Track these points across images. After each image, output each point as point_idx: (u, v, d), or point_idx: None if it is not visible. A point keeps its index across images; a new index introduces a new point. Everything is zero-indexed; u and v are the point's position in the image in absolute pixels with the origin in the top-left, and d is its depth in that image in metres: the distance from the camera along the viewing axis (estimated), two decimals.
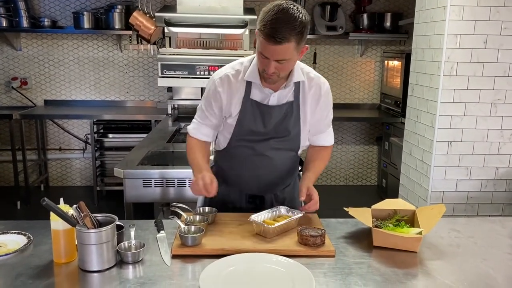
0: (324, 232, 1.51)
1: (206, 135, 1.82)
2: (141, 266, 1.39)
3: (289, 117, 1.74)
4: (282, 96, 1.72)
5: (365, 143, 5.29)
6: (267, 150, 1.77)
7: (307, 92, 1.74)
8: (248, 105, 1.72)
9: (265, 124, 1.73)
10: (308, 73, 1.76)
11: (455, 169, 2.91)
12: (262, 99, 1.72)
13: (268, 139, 1.76)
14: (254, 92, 1.72)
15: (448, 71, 2.80)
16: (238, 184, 1.85)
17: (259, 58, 1.59)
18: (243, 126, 1.74)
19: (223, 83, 1.73)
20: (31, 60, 4.84)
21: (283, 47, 1.50)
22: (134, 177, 2.39)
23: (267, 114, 1.72)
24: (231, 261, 1.37)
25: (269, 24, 1.48)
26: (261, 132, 1.74)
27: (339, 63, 5.09)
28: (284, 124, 1.74)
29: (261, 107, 1.72)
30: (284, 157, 1.82)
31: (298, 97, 1.74)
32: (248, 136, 1.75)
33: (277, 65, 1.56)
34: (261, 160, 1.78)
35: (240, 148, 1.79)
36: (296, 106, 1.74)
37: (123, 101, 5.00)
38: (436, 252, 1.52)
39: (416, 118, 3.16)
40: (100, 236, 1.33)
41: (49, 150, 5.03)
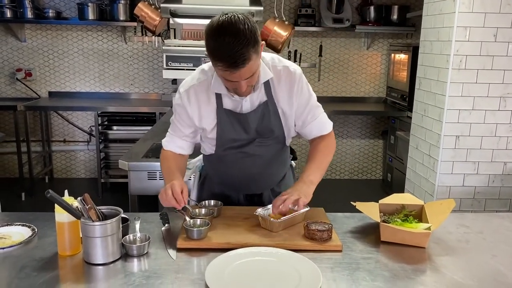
0: (331, 226, 1.49)
1: (181, 147, 1.75)
2: (146, 259, 1.37)
3: (268, 117, 1.66)
4: (254, 99, 1.64)
5: (370, 137, 5.25)
6: (254, 148, 1.71)
7: (277, 87, 1.64)
8: (223, 116, 1.64)
9: (246, 130, 1.67)
10: (274, 66, 1.63)
11: (463, 164, 2.88)
12: (235, 107, 1.64)
13: (252, 141, 1.70)
14: (226, 101, 1.63)
15: (457, 64, 2.76)
16: (232, 185, 1.82)
17: (224, 82, 1.50)
18: (225, 137, 1.68)
19: (190, 96, 1.63)
20: (36, 52, 4.82)
21: (248, 67, 1.40)
22: (139, 170, 2.38)
23: (244, 121, 1.65)
24: (237, 255, 1.35)
25: (223, 54, 1.36)
26: (244, 138, 1.69)
27: (345, 56, 5.05)
28: (264, 125, 1.67)
29: (236, 115, 1.64)
30: (274, 152, 1.77)
31: (270, 95, 1.65)
32: (232, 143, 1.70)
33: (247, 81, 1.46)
34: (251, 160, 1.73)
35: (228, 154, 1.73)
36: (271, 104, 1.65)
37: (128, 93, 4.98)
38: (445, 248, 1.50)
39: (423, 112, 3.12)
40: (105, 229, 1.32)
41: (54, 142, 5.03)
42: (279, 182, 1.88)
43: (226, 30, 1.35)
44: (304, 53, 4.96)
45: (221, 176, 1.83)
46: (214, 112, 1.65)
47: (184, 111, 1.66)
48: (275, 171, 1.84)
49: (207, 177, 1.90)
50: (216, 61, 1.40)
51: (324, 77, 5.09)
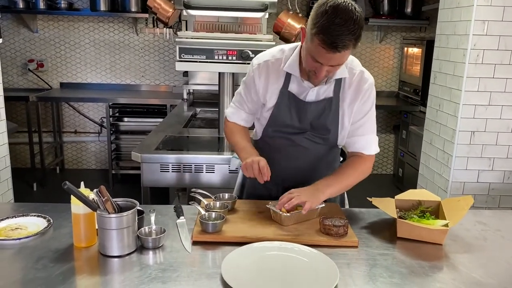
0: (347, 222, 1.47)
1: (245, 120, 1.79)
2: (162, 252, 1.37)
3: (327, 114, 1.64)
4: (321, 91, 1.63)
5: (382, 132, 5.21)
6: (304, 141, 1.69)
7: (347, 89, 1.63)
8: (284, 98, 1.65)
9: (301, 119, 1.66)
10: (351, 69, 1.63)
11: (477, 160, 2.84)
12: (300, 93, 1.64)
13: (303, 132, 1.68)
14: (293, 84, 1.64)
15: (474, 58, 2.72)
16: (274, 175, 1.71)
17: (309, 60, 1.48)
18: (278, 119, 1.68)
19: (261, 71, 1.66)
20: (48, 43, 4.83)
21: (341, 54, 1.41)
22: (152, 162, 2.38)
23: (303, 110, 1.64)
24: (253, 250, 1.34)
25: (329, 31, 1.36)
26: (296, 127, 1.68)
27: (357, 49, 4.98)
28: (321, 121, 1.65)
29: (298, 101, 1.64)
30: (322, 150, 1.74)
31: (338, 94, 1.63)
32: (283, 128, 1.69)
33: (329, 69, 1.47)
34: (298, 150, 1.71)
35: (277, 138, 1.73)
36: (335, 103, 1.64)
37: (139, 85, 4.98)
38: (462, 245, 1.48)
39: (438, 106, 3.08)
40: (121, 221, 1.31)
41: (65, 133, 5.06)
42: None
43: (346, 12, 1.36)
44: None
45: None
46: (278, 91, 1.65)
47: (252, 84, 1.69)
48: (319, 169, 1.76)
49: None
50: (321, 34, 1.38)
51: None
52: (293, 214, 1.49)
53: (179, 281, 1.21)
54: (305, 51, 1.49)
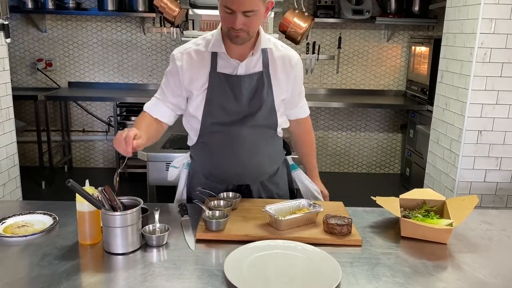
0: (350, 221, 1.47)
1: (160, 113, 1.70)
2: (166, 250, 1.38)
3: (261, 88, 1.65)
4: (250, 65, 1.64)
5: (389, 131, 5.19)
6: (243, 130, 1.66)
7: (276, 61, 1.68)
8: (215, 79, 1.62)
9: (237, 97, 1.63)
10: (275, 43, 1.71)
11: (485, 159, 2.82)
12: (230, 71, 1.63)
13: (242, 118, 1.65)
14: (220, 64, 1.63)
15: (481, 57, 2.70)
16: (220, 175, 1.74)
17: (223, 15, 1.52)
18: (213, 102, 1.63)
19: (183, 57, 1.63)
20: (56, 42, 4.87)
21: None
22: (157, 160, 2.40)
23: (237, 86, 1.63)
24: (256, 248, 1.35)
25: None
26: (234, 111, 1.64)
27: (364, 48, 4.98)
28: (257, 97, 1.65)
29: (230, 79, 1.62)
30: (263, 137, 1.71)
31: (267, 66, 1.66)
32: (220, 117, 1.65)
33: (244, 20, 1.49)
34: (239, 143, 1.67)
35: (214, 135, 1.68)
36: (266, 75, 1.65)
37: (146, 84, 5.01)
38: (467, 245, 1.47)
39: (445, 105, 3.06)
40: (125, 219, 1.32)
41: (73, 132, 5.09)
42: (270, 176, 1.82)
43: None
44: (322, 45, 4.90)
45: (209, 165, 1.76)
46: (206, 75, 1.62)
47: (175, 73, 1.64)
48: (265, 161, 1.76)
49: (195, 173, 1.82)
50: None
51: (342, 70, 5.04)
52: (289, 218, 1.47)
53: (182, 279, 1.21)
54: (220, 10, 1.53)
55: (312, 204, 1.57)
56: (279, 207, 1.53)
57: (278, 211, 1.51)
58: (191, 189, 1.82)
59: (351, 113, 5.15)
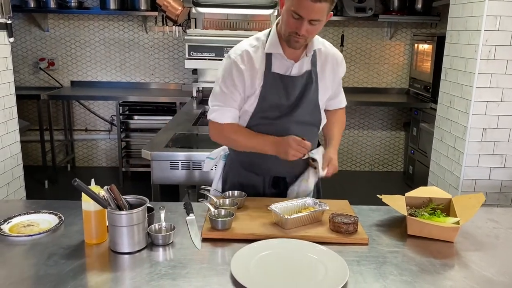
0: (357, 219, 1.47)
1: (232, 117, 1.73)
2: (172, 248, 1.38)
3: (310, 86, 1.72)
4: (303, 65, 1.71)
5: (392, 129, 5.18)
6: (290, 125, 1.71)
7: (324, 60, 1.75)
8: (270, 79, 1.67)
9: (288, 96, 1.70)
10: (323, 42, 1.78)
11: (489, 157, 2.81)
12: (284, 71, 1.69)
13: (289, 113, 1.71)
14: (275, 64, 1.68)
15: (486, 54, 2.68)
16: (261, 167, 1.78)
17: (290, 20, 1.54)
18: (266, 101, 1.69)
19: (243, 59, 1.65)
20: (58, 41, 4.87)
21: (321, 6, 1.49)
22: (161, 159, 2.39)
23: (290, 86, 1.69)
24: (262, 247, 1.34)
25: None
26: (284, 106, 1.70)
27: (367, 46, 4.96)
28: (306, 94, 1.71)
29: (284, 79, 1.68)
30: (306, 132, 1.74)
31: (315, 65, 1.73)
32: (269, 112, 1.70)
33: (309, 27, 1.53)
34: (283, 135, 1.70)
35: (262, 127, 1.72)
36: (314, 75, 1.73)
37: (148, 83, 5.00)
38: (474, 243, 1.46)
39: (449, 103, 3.05)
40: (131, 218, 1.32)
41: (76, 131, 5.10)
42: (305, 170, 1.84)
43: None
44: None
45: (251, 155, 1.76)
46: (262, 75, 1.66)
47: (238, 75, 1.65)
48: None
49: (232, 165, 1.86)
50: None
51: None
52: (296, 217, 1.46)
53: (188, 278, 1.21)
54: (285, 12, 1.56)
55: (318, 203, 1.57)
56: (284, 206, 1.53)
57: (283, 209, 1.51)
58: (226, 180, 1.88)
59: (354, 111, 5.14)
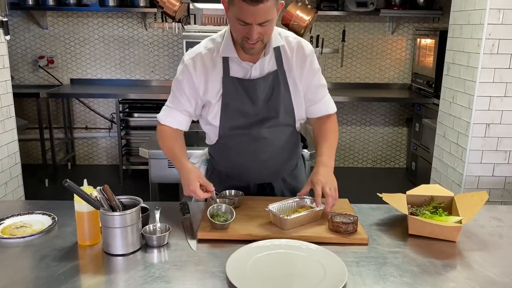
0: (356, 219, 1.43)
1: (179, 122, 1.66)
2: (166, 250, 1.35)
3: (277, 88, 1.58)
4: (263, 66, 1.58)
5: (394, 125, 5.13)
6: (263, 131, 1.62)
7: (290, 57, 1.59)
8: (229, 84, 1.57)
9: (253, 101, 1.58)
10: (287, 37, 1.61)
11: (493, 153, 2.77)
12: (243, 74, 1.58)
13: (260, 120, 1.61)
14: (233, 68, 1.57)
15: (489, 49, 2.63)
16: (242, 175, 1.71)
17: (237, 27, 1.43)
18: (230, 108, 1.59)
19: (196, 63, 1.57)
20: (57, 39, 4.84)
21: (265, 6, 1.35)
22: (159, 158, 2.36)
23: (251, 90, 1.57)
24: (259, 248, 1.31)
25: None
26: (251, 113, 1.60)
27: (368, 41, 4.91)
28: (274, 97, 1.59)
29: (244, 83, 1.57)
30: (283, 135, 1.67)
31: (281, 65, 1.59)
32: (239, 120, 1.61)
33: (260, 30, 1.41)
34: (259, 144, 1.64)
35: (234, 137, 1.64)
36: (281, 74, 1.59)
37: (148, 80, 4.97)
38: (477, 242, 1.43)
39: (451, 99, 3.00)
40: (124, 219, 1.29)
41: (76, 129, 5.07)
42: (291, 171, 1.79)
43: None
44: (326, 38, 4.84)
45: (229, 165, 1.73)
46: (220, 81, 1.57)
47: (189, 80, 1.58)
48: (286, 158, 1.74)
49: (214, 171, 1.79)
50: None
51: (347, 63, 4.97)
52: (294, 217, 1.42)
53: (183, 280, 1.18)
54: (232, 20, 1.45)
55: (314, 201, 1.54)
56: (282, 206, 1.50)
57: (281, 209, 1.47)
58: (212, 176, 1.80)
59: (355, 107, 5.09)
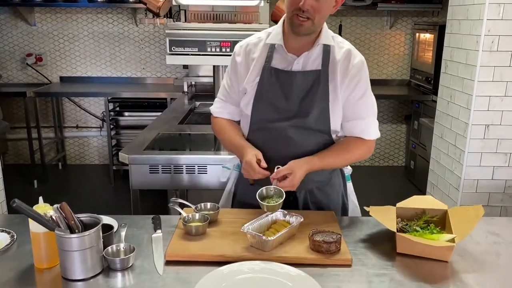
0: (339, 237, 1.31)
1: (231, 113, 1.65)
2: (131, 273, 1.23)
3: (316, 88, 1.48)
4: (307, 62, 1.50)
5: (392, 122, 5.00)
6: (289, 130, 1.51)
7: (337, 61, 1.50)
8: (267, 73, 1.51)
9: (287, 96, 1.49)
10: (339, 42, 1.55)
11: (492, 156, 2.64)
12: (285, 66, 1.51)
13: (290, 118, 1.50)
14: (276, 58, 1.51)
15: (488, 46, 2.50)
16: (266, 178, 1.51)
17: None
18: (263, 99, 1.52)
19: (242, 52, 1.57)
20: (46, 36, 4.72)
21: None
22: (140, 163, 2.24)
23: (287, 83, 1.49)
24: (232, 272, 1.19)
25: None
26: (283, 108, 1.50)
27: (366, 36, 4.77)
28: (309, 97, 1.48)
29: (282, 75, 1.50)
30: (315, 141, 1.53)
31: (327, 66, 1.49)
32: (269, 113, 1.52)
33: (312, 2, 1.36)
34: (283, 143, 1.52)
35: (262, 132, 1.55)
36: (324, 76, 1.48)
37: (140, 77, 4.85)
38: (472, 262, 1.31)
39: (449, 98, 2.87)
40: (83, 241, 1.17)
41: (66, 128, 4.96)
42: (321, 184, 1.63)
43: None
44: None
45: None
46: (260, 69, 1.53)
47: (234, 69, 1.58)
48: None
49: (241, 179, 1.67)
50: None
51: None
52: (278, 237, 1.29)
53: None
54: None
55: (287, 213, 1.43)
56: (256, 225, 1.37)
57: (257, 228, 1.35)
58: (237, 192, 1.72)
59: None
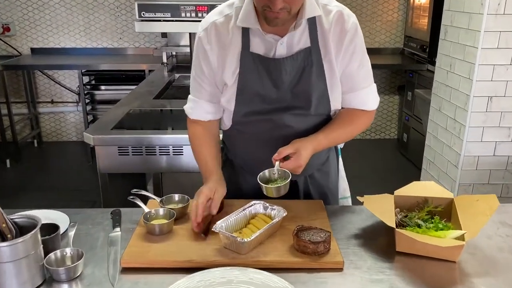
0: (329, 236, 1.11)
1: (208, 111, 1.38)
2: (79, 283, 1.03)
3: (309, 69, 1.25)
4: (293, 42, 1.24)
5: (385, 93, 4.79)
6: (286, 118, 1.31)
7: (327, 31, 1.25)
8: (248, 62, 1.25)
9: (277, 85, 1.26)
10: (325, 5, 1.27)
11: (495, 130, 2.47)
12: (266, 51, 1.25)
13: (285, 107, 1.29)
14: (254, 41, 1.25)
15: (494, 9, 2.29)
16: (257, 168, 1.29)
17: None
18: (247, 91, 1.27)
19: (210, 35, 1.27)
20: (13, 3, 4.38)
21: None
22: (107, 144, 2.01)
23: (275, 72, 1.25)
24: (200, 281, 0.99)
25: None
26: (273, 98, 1.27)
27: (357, 1, 4.51)
28: (303, 82, 1.26)
29: (267, 62, 1.24)
30: (313, 124, 1.34)
31: (316, 41, 1.25)
32: (256, 105, 1.29)
33: None
34: (281, 134, 1.32)
35: (250, 123, 1.33)
36: (315, 53, 1.26)
37: (117, 48, 4.56)
38: (482, 261, 1.12)
39: (448, 67, 2.67)
40: (15, 250, 0.96)
41: (40, 103, 4.67)
42: (321, 165, 1.47)
43: None
44: None
45: (244, 155, 1.45)
46: (237, 58, 1.26)
47: (205, 58, 1.29)
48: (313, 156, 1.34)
49: (227, 161, 1.49)
50: None
51: None
52: (255, 237, 1.09)
53: None
54: None
55: (269, 206, 1.22)
56: (232, 221, 1.16)
57: (231, 226, 1.14)
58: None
59: None
